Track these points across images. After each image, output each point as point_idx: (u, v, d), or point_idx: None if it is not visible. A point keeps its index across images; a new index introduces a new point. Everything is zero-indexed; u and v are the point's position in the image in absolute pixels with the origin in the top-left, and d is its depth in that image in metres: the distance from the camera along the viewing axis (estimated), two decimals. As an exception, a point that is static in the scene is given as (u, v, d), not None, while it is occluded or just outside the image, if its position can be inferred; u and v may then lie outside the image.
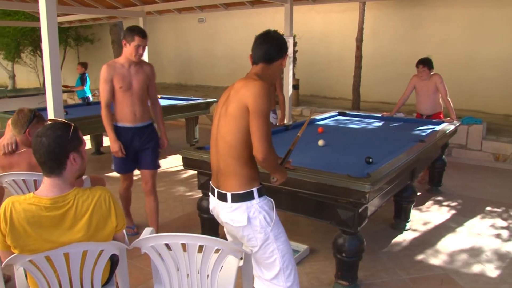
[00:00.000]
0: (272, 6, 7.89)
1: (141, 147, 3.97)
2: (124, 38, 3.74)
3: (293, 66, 7.56)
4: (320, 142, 4.15)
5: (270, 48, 2.31)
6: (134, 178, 4.30)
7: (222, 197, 2.27)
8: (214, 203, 2.37)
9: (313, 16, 11.64)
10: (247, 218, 2.22)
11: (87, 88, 9.30)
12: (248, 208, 2.23)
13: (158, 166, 4.15)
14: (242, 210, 2.23)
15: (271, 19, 11.30)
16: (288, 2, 6.79)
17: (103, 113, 3.87)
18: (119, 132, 3.89)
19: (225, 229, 2.51)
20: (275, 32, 2.38)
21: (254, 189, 2.24)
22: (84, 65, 9.26)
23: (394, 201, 4.31)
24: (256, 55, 2.35)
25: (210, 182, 2.41)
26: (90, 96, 9.23)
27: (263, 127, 2.12)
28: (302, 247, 3.79)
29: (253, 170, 2.27)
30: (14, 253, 2.01)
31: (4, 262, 2.01)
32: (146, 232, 2.34)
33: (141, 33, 3.74)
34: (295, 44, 8.46)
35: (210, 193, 2.41)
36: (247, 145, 2.17)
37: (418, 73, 5.73)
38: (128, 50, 3.76)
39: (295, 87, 9.24)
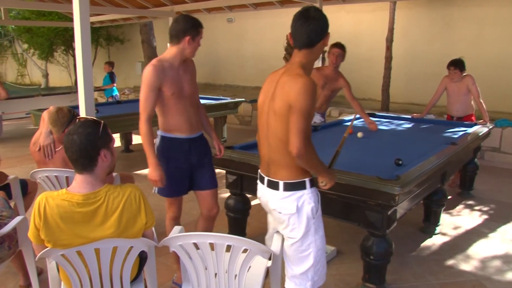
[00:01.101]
0: (302, 6, 7.85)
1: (198, 162, 3.20)
2: (188, 32, 3.03)
3: (322, 67, 7.49)
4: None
5: (312, 31, 2.19)
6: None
7: (273, 185, 2.30)
8: (262, 191, 2.40)
9: (343, 16, 11.53)
10: (296, 207, 2.24)
11: (114, 86, 9.46)
12: (298, 197, 2.25)
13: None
14: (292, 199, 2.25)
15: (300, 19, 11.28)
16: (317, 2, 6.75)
17: (145, 128, 3.02)
18: (172, 145, 3.13)
19: (269, 218, 2.54)
20: (315, 10, 2.24)
21: (307, 180, 2.27)
22: (111, 64, 9.41)
23: (423, 204, 4.24)
24: (297, 41, 2.24)
25: (259, 171, 2.45)
26: (117, 94, 9.37)
27: (300, 123, 2.08)
28: (329, 248, 3.76)
29: None
30: (47, 247, 2.06)
31: (38, 256, 2.06)
32: (175, 230, 2.36)
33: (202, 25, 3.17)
34: (324, 44, 8.41)
35: (259, 181, 2.45)
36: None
37: (450, 74, 5.62)
38: (192, 46, 3.10)
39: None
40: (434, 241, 4.11)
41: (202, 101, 8.29)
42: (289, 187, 2.25)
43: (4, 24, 18.40)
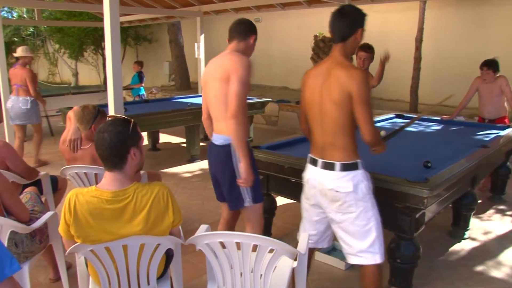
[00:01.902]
0: (329, 6, 7.80)
1: (218, 174, 3.13)
2: (251, 33, 3.15)
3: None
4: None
5: (343, 26, 2.46)
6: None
7: (329, 166, 2.48)
8: (314, 173, 2.57)
9: (371, 16, 11.26)
10: (352, 185, 2.43)
11: (142, 86, 9.58)
12: (354, 177, 2.45)
13: None
14: (348, 178, 2.44)
15: (327, 19, 11.16)
16: (345, 2, 6.70)
17: (242, 121, 2.79)
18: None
19: (304, 211, 2.74)
20: (349, 6, 2.52)
21: (359, 161, 2.49)
22: (140, 63, 9.52)
23: (452, 208, 4.15)
24: (334, 35, 2.49)
25: (310, 155, 2.63)
26: (144, 94, 9.48)
27: (368, 112, 2.36)
28: (355, 250, 3.72)
29: (356, 144, 2.50)
30: (76, 243, 2.09)
31: (68, 250, 2.10)
32: (202, 229, 2.37)
33: None
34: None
35: (309, 164, 2.63)
36: (353, 124, 2.42)
37: (482, 75, 5.48)
38: (252, 46, 3.22)
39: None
40: (463, 246, 4.02)
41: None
42: (344, 167, 2.45)
43: (37, 25, 18.87)
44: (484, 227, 4.46)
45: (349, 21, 2.45)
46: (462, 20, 10.31)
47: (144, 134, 7.86)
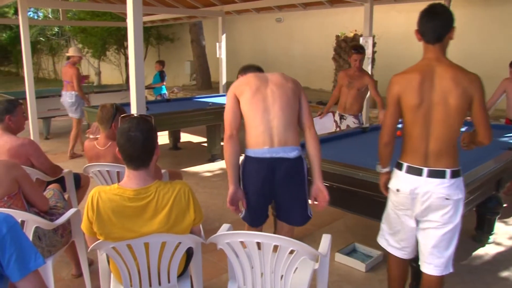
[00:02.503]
0: (351, 5, 7.74)
1: None
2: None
3: (372, 67, 7.36)
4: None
5: (438, 26, 2.41)
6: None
7: (439, 174, 2.38)
8: (418, 182, 2.41)
9: (394, 16, 11.28)
10: (461, 192, 2.42)
11: (163, 85, 9.65)
12: (459, 183, 2.43)
13: None
14: (456, 185, 2.40)
15: (349, 19, 11.11)
16: (368, 2, 6.63)
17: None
18: None
19: (407, 212, 2.52)
20: (440, 6, 2.47)
21: (460, 168, 2.44)
22: (161, 63, 9.59)
23: (476, 212, 4.06)
24: (426, 36, 2.42)
25: (408, 163, 2.44)
26: (166, 93, 9.54)
27: (486, 115, 2.37)
28: (376, 252, 3.68)
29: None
30: (99, 239, 2.12)
31: (90, 247, 2.12)
32: (224, 228, 2.37)
33: None
34: (374, 44, 8.25)
35: (407, 174, 2.45)
36: (459, 130, 2.40)
37: (511, 75, 5.36)
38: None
39: (373, 88, 9.02)
40: (487, 251, 3.94)
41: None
42: (454, 174, 2.39)
43: (62, 25, 19.16)
44: (509, 232, 4.36)
45: (444, 20, 2.41)
46: (489, 19, 10.11)
47: (166, 133, 7.92)
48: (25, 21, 6.75)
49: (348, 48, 10.24)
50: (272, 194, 2.76)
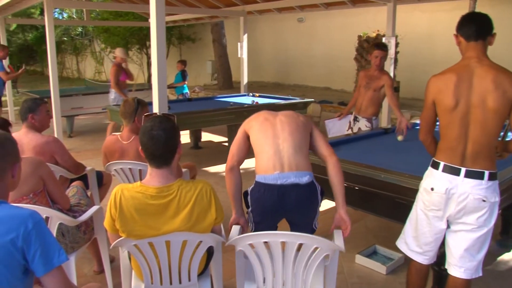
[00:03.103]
0: (374, 5, 7.68)
1: None
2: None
3: (394, 68, 7.28)
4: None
5: (482, 23, 2.41)
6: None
7: (477, 175, 2.35)
8: (455, 182, 2.38)
9: (417, 16, 11.14)
10: (498, 195, 2.39)
11: (185, 84, 9.71)
12: (496, 186, 2.39)
13: None
14: (493, 187, 2.38)
15: (372, 19, 11.01)
16: (391, 1, 6.57)
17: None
18: None
19: (437, 213, 2.47)
20: (480, 13, 2.49)
21: (497, 171, 2.41)
22: (183, 62, 9.65)
23: (501, 216, 3.98)
24: (467, 33, 2.42)
25: (446, 163, 2.41)
26: (187, 92, 9.60)
27: None
28: (397, 255, 3.63)
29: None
30: (121, 237, 2.14)
31: (112, 244, 2.15)
32: (235, 231, 2.40)
33: None
34: (397, 45, 8.16)
35: (444, 173, 2.42)
36: (499, 132, 2.36)
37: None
38: None
39: (396, 89, 8.85)
40: (512, 255, 3.86)
41: (271, 101, 8.25)
42: (491, 176, 2.36)
43: (86, 25, 19.48)
44: (534, 236, 4.27)
45: (486, 22, 2.41)
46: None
47: (187, 133, 7.96)
48: (50, 21, 6.87)
49: (371, 48, 10.17)
50: (281, 218, 2.69)
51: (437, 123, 2.54)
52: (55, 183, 2.87)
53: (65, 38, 23.59)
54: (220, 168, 6.49)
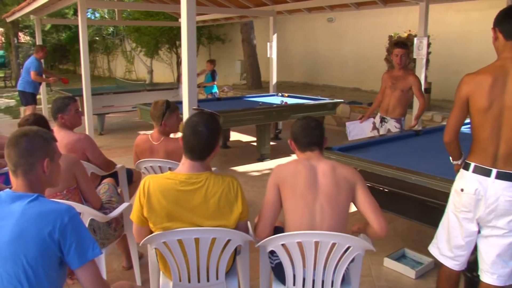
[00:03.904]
0: (406, 5, 7.56)
1: None
2: None
3: (426, 69, 7.14)
4: None
5: None
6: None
7: (508, 177, 2.29)
8: (486, 183, 2.33)
9: (451, 15, 10.91)
10: None
11: (214, 84, 9.78)
12: None
13: None
14: None
15: (403, 18, 10.84)
16: (423, 1, 6.44)
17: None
18: None
19: (468, 215, 2.41)
20: None
21: None
22: (212, 62, 9.72)
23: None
24: (505, 32, 2.35)
25: (476, 164, 2.36)
26: (217, 92, 9.66)
27: None
28: (427, 259, 3.56)
29: None
30: (148, 231, 2.19)
31: (142, 242, 2.18)
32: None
33: None
34: (429, 45, 8.00)
35: (474, 174, 2.37)
36: None
37: None
38: None
39: (427, 90, 8.72)
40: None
41: (300, 100, 8.21)
42: None
43: (117, 25, 19.80)
44: None
45: None
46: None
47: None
48: (83, 21, 7.01)
49: (391, 47, 10.01)
50: None
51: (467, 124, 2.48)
52: (88, 182, 2.92)
53: (97, 38, 24.05)
54: (249, 168, 6.51)
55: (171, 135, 3.58)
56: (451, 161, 2.61)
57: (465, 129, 2.76)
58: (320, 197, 2.27)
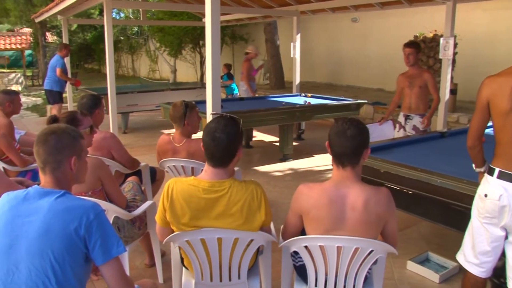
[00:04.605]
0: (432, 4, 7.44)
1: None
2: None
3: (452, 70, 7.01)
4: None
5: None
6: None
7: None
8: (511, 189, 2.27)
9: (478, 15, 10.70)
10: None
11: (234, 85, 9.82)
12: None
13: None
14: None
15: (429, 18, 10.69)
16: (450, 0, 6.33)
17: None
18: None
19: (493, 221, 2.35)
20: None
21: None
22: (227, 66, 9.97)
23: None
24: None
25: (501, 169, 2.30)
26: (238, 93, 9.71)
27: None
28: (451, 263, 3.50)
29: None
30: (170, 231, 2.21)
31: (165, 240, 2.19)
32: None
33: None
34: (455, 45, 7.87)
35: (500, 179, 2.31)
36: None
37: None
38: None
39: (453, 92, 8.60)
40: None
41: (323, 101, 8.16)
42: None
43: (141, 24, 20.03)
44: None
45: None
46: None
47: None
48: (109, 21, 7.10)
49: (427, 49, 9.87)
50: None
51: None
52: (113, 184, 2.94)
53: (121, 38, 24.38)
54: (271, 168, 6.50)
55: (193, 136, 3.59)
56: (474, 168, 2.55)
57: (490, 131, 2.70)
58: (346, 233, 2.09)
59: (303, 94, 8.60)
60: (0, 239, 1.68)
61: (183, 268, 2.47)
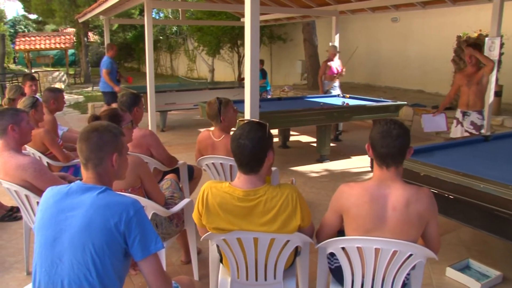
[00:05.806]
0: (477, 3, 7.23)
1: None
2: None
3: (497, 71, 6.77)
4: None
5: None
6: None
7: None
8: None
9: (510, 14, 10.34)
10: None
11: (267, 81, 9.80)
12: None
13: None
14: None
15: (473, 17, 10.38)
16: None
17: None
18: None
19: None
20: None
21: None
22: (260, 62, 9.82)
23: None
24: None
25: None
26: (270, 90, 9.68)
27: None
28: (493, 272, 3.38)
29: None
30: (208, 230, 2.21)
31: (203, 237, 2.22)
32: None
33: None
34: (501, 45, 7.58)
35: None
36: None
37: None
38: None
39: (497, 93, 8.30)
40: None
41: (362, 102, 8.05)
42: None
43: (180, 24, 20.31)
44: None
45: None
46: None
47: (275, 132, 8.01)
48: (149, 21, 7.23)
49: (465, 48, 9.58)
50: None
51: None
52: (152, 182, 2.98)
53: (160, 37, 24.77)
54: (308, 168, 6.47)
55: (231, 132, 3.62)
56: None
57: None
58: (386, 234, 2.06)
59: (341, 95, 8.52)
60: (45, 232, 1.73)
61: (221, 265, 2.49)
